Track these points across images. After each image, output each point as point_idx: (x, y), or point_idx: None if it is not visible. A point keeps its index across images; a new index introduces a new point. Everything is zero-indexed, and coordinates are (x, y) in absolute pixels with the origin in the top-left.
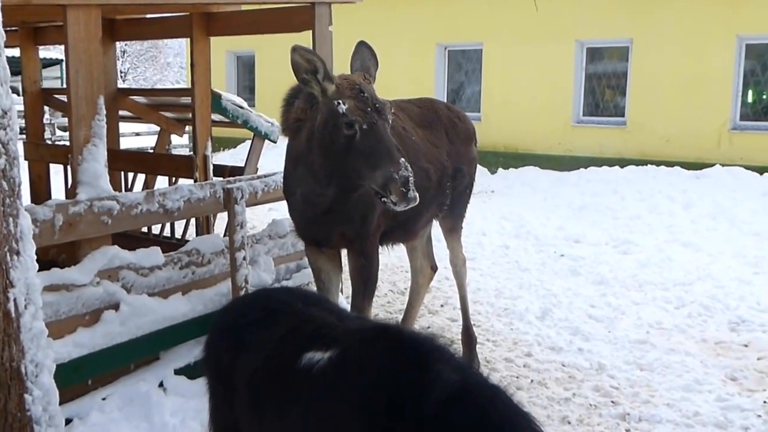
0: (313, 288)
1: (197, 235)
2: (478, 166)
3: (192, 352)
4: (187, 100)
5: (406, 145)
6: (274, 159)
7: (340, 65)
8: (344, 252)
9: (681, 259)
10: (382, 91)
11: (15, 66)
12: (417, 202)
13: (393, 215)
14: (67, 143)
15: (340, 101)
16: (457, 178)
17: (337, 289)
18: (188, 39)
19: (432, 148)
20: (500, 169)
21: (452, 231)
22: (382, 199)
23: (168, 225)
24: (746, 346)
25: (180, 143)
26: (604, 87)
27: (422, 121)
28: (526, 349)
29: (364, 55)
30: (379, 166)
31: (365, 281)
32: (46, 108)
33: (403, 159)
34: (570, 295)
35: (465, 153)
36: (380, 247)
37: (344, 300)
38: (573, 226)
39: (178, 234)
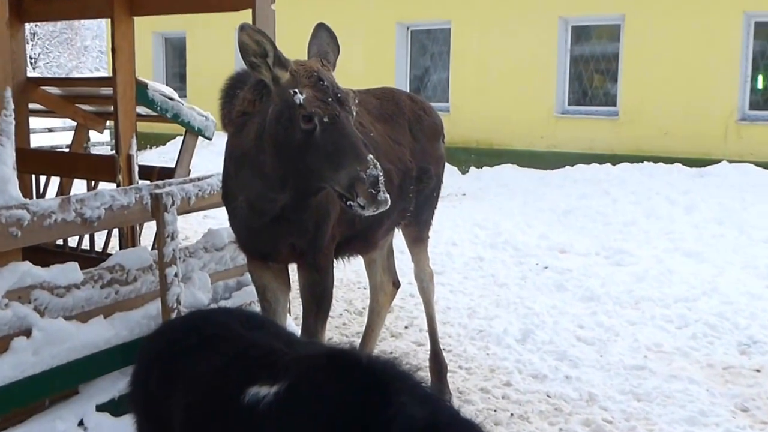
0: (257, 308)
1: (121, 248)
2: (447, 165)
3: (116, 385)
4: (108, 90)
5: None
6: (209, 158)
7: (289, 52)
8: (293, 267)
9: (683, 271)
10: (338, 70)
11: None
12: (388, 205)
13: (350, 223)
14: None
15: (296, 91)
16: (422, 179)
17: (284, 310)
18: (109, 19)
19: (393, 145)
20: (472, 169)
21: (417, 241)
22: (348, 203)
23: (87, 237)
24: (758, 371)
25: (100, 140)
26: (593, 72)
27: (382, 114)
28: (504, 378)
29: (323, 39)
30: (344, 164)
31: (318, 300)
32: None
33: (371, 156)
34: (555, 313)
35: (431, 151)
36: (335, 260)
37: (293, 322)
38: (558, 233)
39: (98, 247)
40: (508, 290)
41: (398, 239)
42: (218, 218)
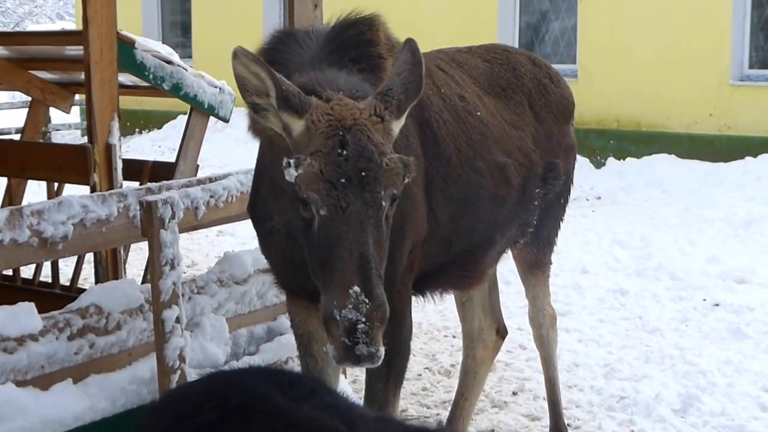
0: (297, 368)
1: (97, 281)
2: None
3: None
4: (77, 50)
5: (467, 128)
6: (225, 147)
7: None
8: None
9: None
10: (407, 30)
11: None
12: (371, 365)
13: (443, 244)
14: None
15: (293, 160)
16: (547, 179)
17: (337, 370)
18: None
19: (510, 130)
20: (611, 160)
21: (534, 268)
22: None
23: (48, 266)
24: None
25: (66, 122)
26: None
27: (493, 85)
28: None
29: (400, 65)
30: (327, 286)
31: (390, 358)
32: None
33: (357, 289)
34: (730, 372)
35: (560, 137)
36: (418, 298)
37: (349, 387)
38: (734, 255)
39: (65, 280)
40: (663, 338)
41: (501, 265)
42: (238, 235)
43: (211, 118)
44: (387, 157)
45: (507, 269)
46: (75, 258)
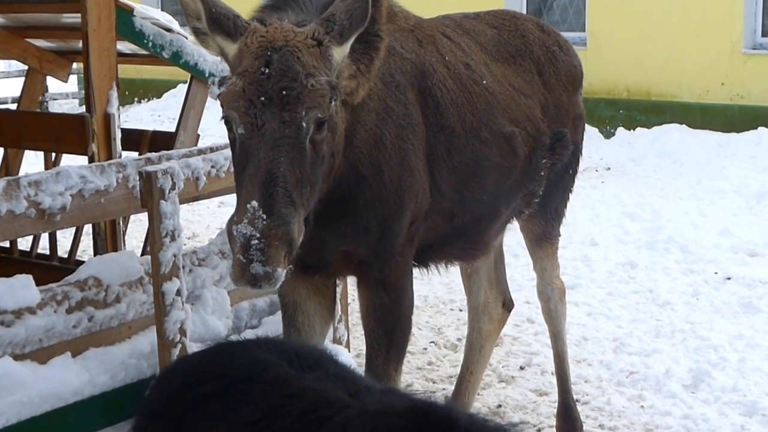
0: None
1: (96, 253)
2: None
3: None
4: (74, 17)
5: (472, 97)
6: None
7: None
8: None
9: None
10: None
11: None
12: (264, 287)
13: (446, 216)
14: None
15: (223, 78)
16: (555, 149)
17: (320, 345)
18: None
19: (518, 98)
20: (620, 131)
21: (543, 240)
22: None
23: (45, 237)
24: None
25: (63, 92)
26: None
27: (501, 51)
28: None
29: None
30: (237, 202)
31: (389, 331)
32: None
33: (255, 204)
34: (741, 347)
35: (568, 107)
36: (421, 270)
37: (353, 360)
38: (747, 227)
39: (63, 252)
40: (673, 312)
41: (509, 237)
42: None
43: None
44: (315, 79)
45: (515, 242)
46: (73, 230)
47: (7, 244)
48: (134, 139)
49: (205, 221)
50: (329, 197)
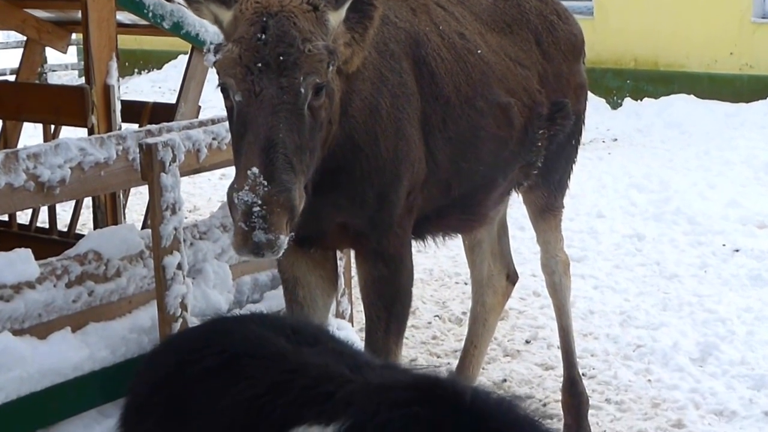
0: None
1: (96, 227)
2: (590, 95)
3: (92, 430)
4: None
5: (467, 67)
6: None
7: None
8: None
9: None
10: None
11: None
12: (267, 255)
13: (443, 187)
14: None
15: (212, 47)
16: (555, 120)
17: (323, 320)
18: None
19: (513, 67)
20: (627, 101)
21: (546, 212)
22: None
23: (45, 211)
24: None
25: (62, 63)
26: None
27: (496, 21)
28: (674, 416)
29: None
30: (236, 170)
31: (388, 304)
32: None
33: (256, 170)
34: (750, 320)
35: (569, 76)
36: (419, 242)
37: (356, 335)
38: (755, 199)
39: (62, 226)
40: (681, 285)
41: (515, 209)
42: None
43: None
44: (312, 44)
45: (521, 214)
46: (73, 203)
47: (6, 217)
48: (134, 111)
49: (206, 194)
50: (325, 167)
